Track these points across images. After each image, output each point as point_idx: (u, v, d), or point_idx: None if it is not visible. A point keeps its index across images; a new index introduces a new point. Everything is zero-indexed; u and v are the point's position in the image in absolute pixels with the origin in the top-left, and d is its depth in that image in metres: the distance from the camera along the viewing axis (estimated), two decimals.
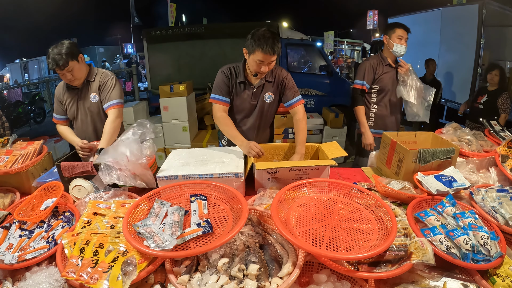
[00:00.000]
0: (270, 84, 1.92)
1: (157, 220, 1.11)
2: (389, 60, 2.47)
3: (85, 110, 2.06)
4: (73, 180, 1.54)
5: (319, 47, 6.72)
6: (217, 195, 1.29)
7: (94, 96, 2.02)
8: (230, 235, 0.96)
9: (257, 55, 1.70)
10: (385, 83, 2.46)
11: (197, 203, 1.21)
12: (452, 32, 5.45)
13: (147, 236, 1.01)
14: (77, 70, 1.91)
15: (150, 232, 1.03)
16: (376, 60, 2.49)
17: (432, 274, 1.00)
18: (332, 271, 1.01)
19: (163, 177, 1.55)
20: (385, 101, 2.51)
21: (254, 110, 1.98)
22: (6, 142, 1.86)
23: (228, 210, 1.20)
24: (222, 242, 0.96)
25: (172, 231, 1.02)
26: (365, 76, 2.47)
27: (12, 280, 1.05)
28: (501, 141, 1.84)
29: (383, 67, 2.46)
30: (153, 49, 5.54)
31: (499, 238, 1.10)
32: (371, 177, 1.80)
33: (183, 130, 4.37)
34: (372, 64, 2.47)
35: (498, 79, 3.54)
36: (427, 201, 1.34)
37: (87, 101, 2.04)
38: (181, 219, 1.09)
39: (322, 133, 4.76)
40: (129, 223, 1.08)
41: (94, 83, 2.03)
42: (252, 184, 1.64)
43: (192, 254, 0.96)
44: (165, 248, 0.95)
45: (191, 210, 1.19)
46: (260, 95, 1.93)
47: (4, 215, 1.33)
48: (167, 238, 0.99)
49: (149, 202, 1.23)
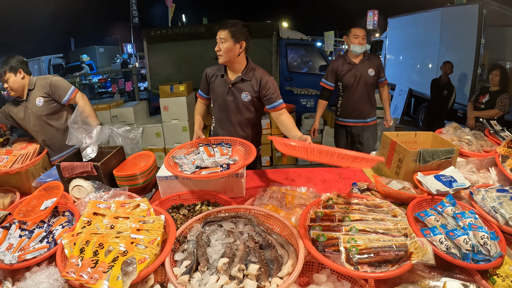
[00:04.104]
0: (247, 84, 1.91)
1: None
2: (352, 59, 2.77)
3: (34, 116, 2.16)
4: (73, 180, 1.54)
5: (319, 47, 6.72)
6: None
7: (39, 100, 2.13)
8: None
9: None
10: (346, 80, 2.79)
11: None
12: (452, 32, 5.44)
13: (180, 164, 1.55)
14: (12, 82, 2.06)
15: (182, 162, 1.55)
16: (339, 61, 2.84)
17: (432, 274, 1.00)
18: (332, 271, 1.01)
19: (163, 177, 1.55)
20: (348, 94, 2.85)
21: (230, 106, 1.97)
22: (6, 142, 1.86)
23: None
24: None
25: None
26: (328, 77, 2.88)
27: (12, 280, 1.05)
28: (501, 141, 1.84)
29: (345, 66, 2.78)
30: (153, 49, 5.54)
31: (499, 238, 1.10)
32: (371, 177, 1.80)
33: (183, 130, 4.37)
34: (333, 67, 2.85)
35: (498, 79, 3.54)
36: (427, 201, 1.34)
37: (34, 106, 2.14)
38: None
39: (322, 133, 4.77)
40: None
41: (35, 89, 2.14)
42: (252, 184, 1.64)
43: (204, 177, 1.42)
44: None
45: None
46: (236, 92, 1.93)
47: (4, 215, 1.33)
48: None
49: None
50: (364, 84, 2.77)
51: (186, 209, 1.42)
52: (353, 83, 2.78)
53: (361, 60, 2.75)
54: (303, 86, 5.54)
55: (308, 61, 6.58)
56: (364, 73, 2.74)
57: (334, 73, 2.84)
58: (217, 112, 2.05)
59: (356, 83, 2.77)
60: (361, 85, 2.78)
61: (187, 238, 1.11)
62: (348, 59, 2.78)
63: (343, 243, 0.99)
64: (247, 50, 1.89)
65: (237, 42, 1.79)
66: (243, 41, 1.81)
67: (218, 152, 1.71)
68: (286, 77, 5.56)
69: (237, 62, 1.87)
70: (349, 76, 2.77)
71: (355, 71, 2.76)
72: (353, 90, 2.81)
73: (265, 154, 4.74)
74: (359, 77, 2.75)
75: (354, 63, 2.76)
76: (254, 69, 1.92)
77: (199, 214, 1.22)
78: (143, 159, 1.87)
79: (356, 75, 2.75)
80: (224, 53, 1.80)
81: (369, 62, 2.76)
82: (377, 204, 1.22)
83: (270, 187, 1.51)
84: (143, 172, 1.66)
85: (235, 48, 1.80)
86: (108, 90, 11.27)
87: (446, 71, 4.80)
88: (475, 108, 3.75)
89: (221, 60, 1.84)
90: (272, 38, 5.26)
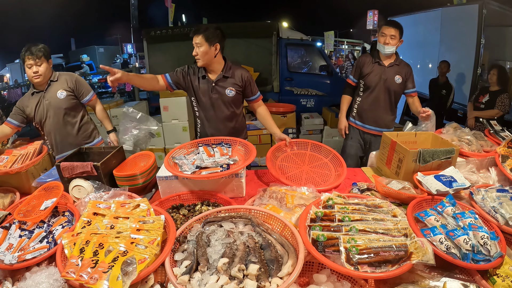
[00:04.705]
0: (229, 80, 2.04)
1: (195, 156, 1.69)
2: (381, 59, 2.48)
3: (53, 108, 2.17)
4: (73, 180, 1.54)
5: (319, 47, 6.72)
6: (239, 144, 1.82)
7: (61, 93, 2.16)
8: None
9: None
10: (370, 80, 2.50)
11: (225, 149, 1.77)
12: (452, 32, 5.44)
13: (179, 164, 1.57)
14: (44, 68, 2.09)
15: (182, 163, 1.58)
16: (368, 57, 2.56)
17: (432, 274, 1.00)
18: (332, 271, 1.01)
19: (163, 177, 1.55)
20: (368, 97, 2.55)
21: (215, 103, 2.07)
22: (6, 142, 1.86)
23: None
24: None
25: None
26: (353, 72, 2.62)
27: (12, 280, 1.05)
28: (501, 141, 1.84)
29: (373, 65, 2.50)
30: (153, 49, 5.54)
31: (499, 238, 1.10)
32: (371, 177, 1.80)
33: (183, 130, 4.37)
34: (360, 62, 2.58)
35: (496, 78, 3.55)
36: (427, 201, 1.34)
37: (54, 98, 2.16)
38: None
39: (322, 133, 4.77)
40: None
41: (58, 82, 2.19)
42: (252, 184, 1.64)
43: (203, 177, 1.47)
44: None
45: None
46: (220, 90, 2.04)
47: (4, 215, 1.33)
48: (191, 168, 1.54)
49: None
50: (387, 89, 2.47)
51: (186, 209, 1.42)
52: (376, 84, 2.48)
53: (391, 63, 2.46)
54: (303, 86, 5.54)
55: (308, 61, 6.58)
56: (390, 78, 2.44)
57: (359, 69, 2.56)
58: (203, 111, 2.12)
59: (379, 85, 2.48)
60: (383, 89, 2.48)
61: (187, 238, 1.11)
62: (378, 58, 2.49)
63: (343, 243, 0.99)
64: (223, 51, 2.02)
65: (212, 45, 1.91)
66: (217, 43, 1.94)
67: (218, 152, 1.71)
68: (286, 77, 5.56)
69: (215, 62, 2.00)
70: (373, 76, 2.48)
71: (381, 72, 2.46)
72: (374, 93, 2.51)
73: (265, 154, 4.74)
74: (384, 80, 2.45)
75: (383, 64, 2.47)
76: (232, 67, 2.07)
77: (199, 214, 1.22)
78: (143, 159, 1.87)
79: (381, 77, 2.46)
80: (201, 57, 1.93)
81: (399, 68, 2.46)
82: (377, 204, 1.22)
83: (270, 187, 1.51)
84: (143, 172, 1.66)
85: (210, 50, 1.93)
86: (108, 90, 11.26)
87: (442, 70, 4.80)
88: (475, 108, 3.75)
89: (199, 63, 1.97)
90: (272, 38, 5.27)
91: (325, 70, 5.64)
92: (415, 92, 2.53)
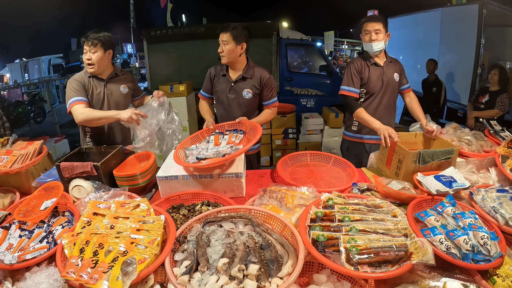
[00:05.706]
0: (248, 82, 2.07)
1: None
2: (375, 59, 2.17)
3: (113, 101, 2.08)
4: (73, 180, 1.54)
5: (319, 47, 6.72)
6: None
7: (124, 88, 2.14)
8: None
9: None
10: (373, 85, 2.16)
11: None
12: (452, 32, 5.44)
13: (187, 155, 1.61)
14: (98, 57, 1.96)
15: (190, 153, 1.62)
16: (360, 61, 2.19)
17: (432, 274, 1.00)
18: (332, 271, 1.01)
19: (163, 177, 1.55)
20: (371, 104, 2.19)
21: (231, 103, 2.12)
22: (6, 142, 1.86)
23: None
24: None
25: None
26: (351, 82, 2.16)
27: (12, 280, 1.05)
28: (501, 141, 1.84)
29: (370, 67, 2.15)
30: (153, 49, 5.53)
31: (499, 238, 1.10)
32: (371, 177, 1.80)
33: (183, 130, 4.37)
34: (356, 67, 2.16)
35: (497, 78, 3.55)
36: (427, 201, 1.34)
37: (117, 91, 2.10)
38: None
39: (322, 133, 4.76)
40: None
41: (121, 77, 2.15)
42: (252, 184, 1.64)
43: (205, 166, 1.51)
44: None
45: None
46: (238, 90, 2.09)
47: (4, 215, 1.33)
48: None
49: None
50: (391, 92, 2.20)
51: (186, 209, 1.42)
52: (380, 89, 2.16)
53: (385, 62, 2.18)
54: (303, 86, 5.53)
55: (308, 61, 6.58)
56: (391, 77, 2.17)
57: (358, 75, 2.16)
58: (219, 109, 2.21)
59: (384, 89, 2.17)
60: (388, 93, 2.19)
61: (187, 238, 1.11)
62: (372, 59, 2.16)
63: (343, 243, 0.99)
64: (248, 51, 2.06)
65: (238, 44, 1.97)
66: (244, 43, 1.99)
67: (226, 141, 1.74)
68: (286, 77, 5.56)
69: (239, 62, 2.05)
70: (375, 80, 2.15)
71: (381, 74, 2.16)
72: (377, 98, 2.18)
73: (265, 154, 4.74)
74: (386, 82, 2.16)
75: (379, 64, 2.16)
76: (254, 67, 2.10)
77: (199, 214, 1.22)
78: (143, 159, 1.87)
79: (383, 79, 2.15)
80: (226, 54, 1.98)
81: (394, 65, 2.20)
82: (377, 204, 1.22)
83: (270, 187, 1.51)
84: (143, 172, 1.66)
85: (237, 49, 1.98)
86: None
87: (429, 68, 4.86)
88: (475, 108, 3.75)
89: (223, 60, 2.02)
90: (272, 38, 5.26)
91: (325, 70, 5.64)
92: (410, 88, 2.29)
